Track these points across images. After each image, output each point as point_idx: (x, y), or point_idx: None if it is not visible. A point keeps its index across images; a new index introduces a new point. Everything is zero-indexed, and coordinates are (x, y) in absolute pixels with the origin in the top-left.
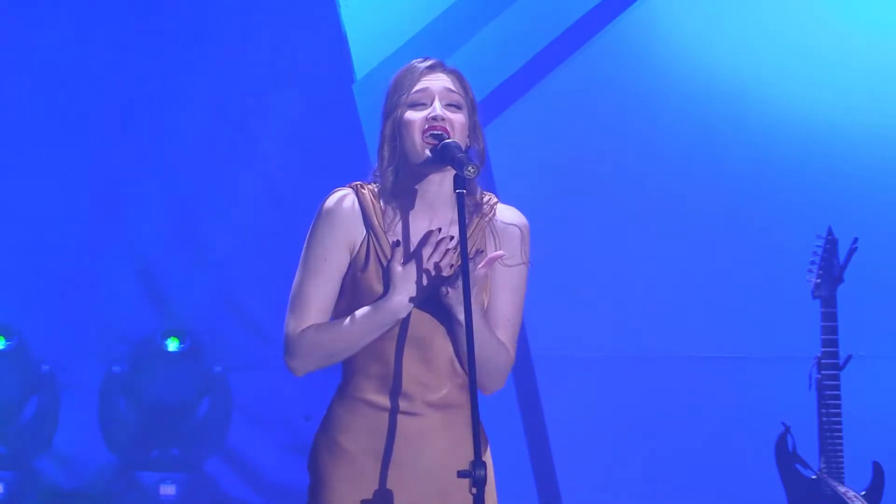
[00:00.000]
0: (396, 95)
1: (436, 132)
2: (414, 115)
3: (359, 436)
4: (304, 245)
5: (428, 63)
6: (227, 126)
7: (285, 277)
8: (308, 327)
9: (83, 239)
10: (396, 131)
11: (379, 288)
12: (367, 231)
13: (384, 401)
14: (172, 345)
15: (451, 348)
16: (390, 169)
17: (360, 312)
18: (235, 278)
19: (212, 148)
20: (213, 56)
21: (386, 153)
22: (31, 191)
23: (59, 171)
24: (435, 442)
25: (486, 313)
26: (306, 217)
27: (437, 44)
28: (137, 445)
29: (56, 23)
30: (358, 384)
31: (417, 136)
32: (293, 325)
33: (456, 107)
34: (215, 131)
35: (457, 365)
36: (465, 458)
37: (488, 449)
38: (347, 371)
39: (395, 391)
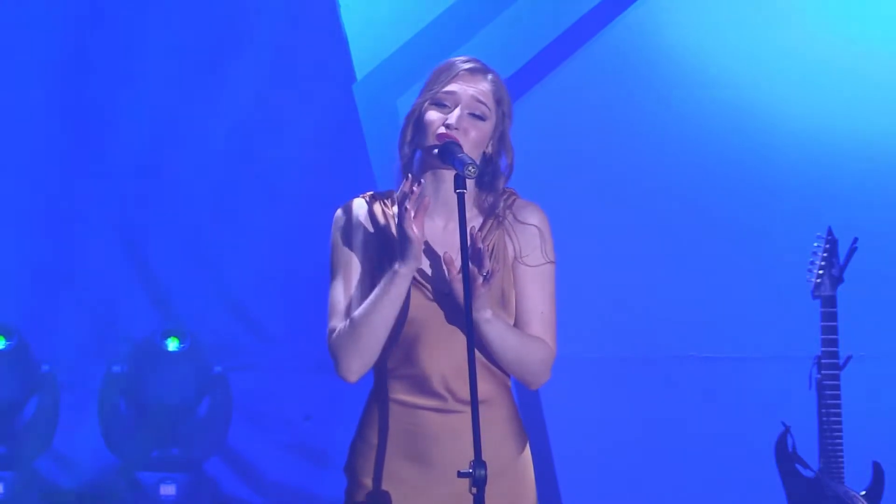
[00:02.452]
0: (429, 87)
1: (445, 138)
2: (434, 115)
3: (392, 435)
4: (329, 259)
5: (470, 64)
6: (227, 126)
7: (285, 277)
8: (337, 328)
9: (83, 239)
10: (417, 122)
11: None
12: (378, 236)
13: (416, 400)
14: (172, 345)
15: (479, 350)
16: (409, 155)
17: (375, 289)
18: (235, 278)
19: (212, 147)
20: (213, 56)
21: (407, 137)
22: (31, 191)
23: (59, 170)
24: (468, 439)
25: (517, 312)
26: (306, 217)
27: (437, 44)
28: (137, 445)
29: (57, 22)
30: (389, 385)
31: (430, 137)
32: (330, 332)
33: (479, 117)
34: (215, 131)
35: (491, 365)
36: (499, 454)
37: (527, 446)
38: (378, 373)
39: (427, 390)
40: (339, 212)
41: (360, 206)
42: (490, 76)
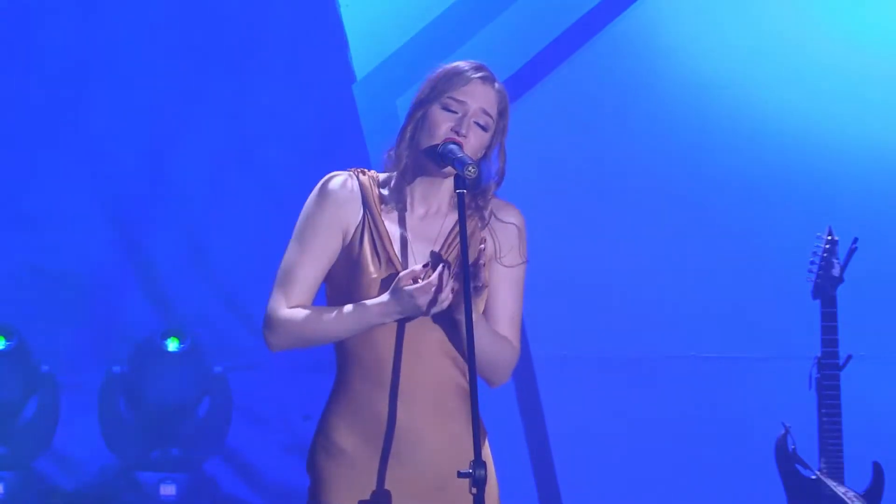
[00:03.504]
0: (439, 89)
1: (451, 142)
2: (441, 119)
3: (355, 433)
4: (298, 221)
5: (481, 74)
6: (227, 126)
7: None
8: (294, 308)
9: (83, 239)
10: (422, 121)
11: (373, 272)
12: (365, 213)
13: (379, 396)
14: (172, 345)
15: (445, 341)
16: (406, 151)
17: (348, 308)
18: (235, 278)
19: (212, 148)
20: (213, 56)
21: (407, 135)
22: (31, 191)
23: (59, 171)
24: (431, 435)
25: (487, 310)
26: None
27: (437, 44)
28: (137, 445)
29: (58, 22)
30: (352, 382)
31: (436, 139)
32: (277, 300)
33: (483, 128)
34: (215, 131)
35: (455, 357)
36: (462, 451)
37: (486, 441)
38: (341, 370)
39: (391, 388)
40: (326, 182)
41: (351, 185)
42: (497, 86)
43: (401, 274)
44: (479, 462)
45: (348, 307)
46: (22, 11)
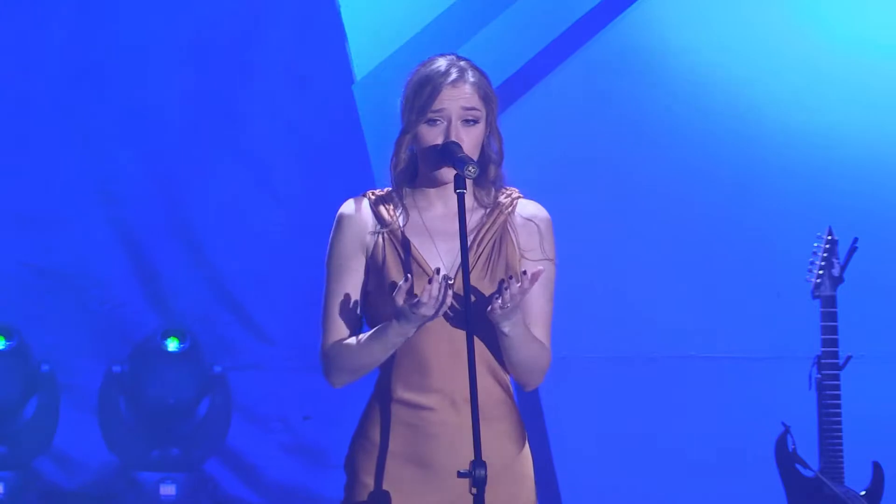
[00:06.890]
0: (415, 109)
1: (452, 141)
2: (431, 134)
3: (394, 434)
4: (326, 257)
5: (451, 77)
6: (227, 126)
7: (285, 277)
8: (334, 343)
9: (83, 239)
10: (415, 143)
11: (400, 280)
12: (382, 228)
13: (419, 399)
14: (172, 345)
15: (486, 352)
16: (403, 176)
17: (374, 332)
18: (235, 278)
19: (212, 148)
20: (213, 56)
21: (402, 158)
22: (30, 190)
23: (58, 170)
24: (470, 439)
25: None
26: (306, 217)
27: (437, 44)
28: (137, 445)
29: (55, 21)
30: (393, 383)
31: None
32: (323, 338)
33: (473, 122)
34: (215, 131)
35: (493, 363)
36: (500, 453)
37: (526, 444)
38: (383, 370)
39: (430, 389)
40: (340, 212)
41: (362, 207)
42: (471, 79)
43: (394, 294)
44: (479, 462)
45: (373, 333)
46: (22, 11)
